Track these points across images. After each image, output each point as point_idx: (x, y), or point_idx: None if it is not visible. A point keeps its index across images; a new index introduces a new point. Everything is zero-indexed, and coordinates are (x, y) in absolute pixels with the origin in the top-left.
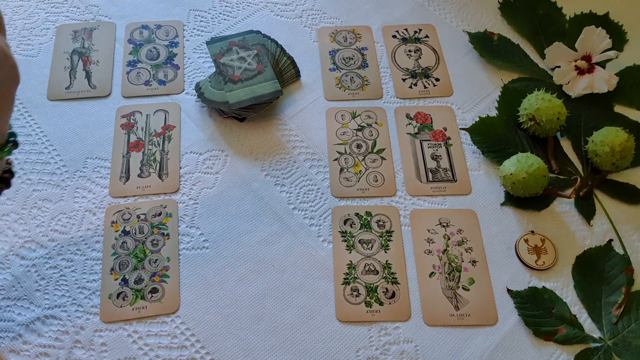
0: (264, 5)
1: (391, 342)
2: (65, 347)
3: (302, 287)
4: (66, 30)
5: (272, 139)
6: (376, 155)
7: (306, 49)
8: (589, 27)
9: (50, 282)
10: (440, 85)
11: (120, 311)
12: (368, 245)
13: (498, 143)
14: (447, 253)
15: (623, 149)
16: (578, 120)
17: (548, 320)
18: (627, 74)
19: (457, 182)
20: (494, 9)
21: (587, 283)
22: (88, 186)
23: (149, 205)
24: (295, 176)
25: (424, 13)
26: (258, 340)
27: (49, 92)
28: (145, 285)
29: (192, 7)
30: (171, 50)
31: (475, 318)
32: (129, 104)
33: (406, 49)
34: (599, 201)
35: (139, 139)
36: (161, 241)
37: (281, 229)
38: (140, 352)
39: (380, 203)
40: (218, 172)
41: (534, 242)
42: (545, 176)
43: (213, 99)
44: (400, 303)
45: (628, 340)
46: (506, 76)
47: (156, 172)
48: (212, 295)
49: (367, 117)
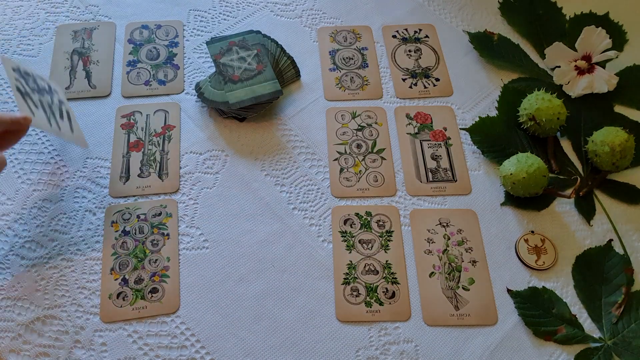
0: (264, 5)
1: (391, 342)
2: (65, 347)
3: (302, 287)
4: (66, 30)
5: (272, 139)
6: (376, 155)
7: (306, 49)
8: (589, 27)
9: (50, 282)
10: (440, 85)
11: (120, 311)
12: (368, 245)
13: (498, 143)
14: (447, 253)
15: (623, 149)
16: (578, 120)
17: (548, 320)
18: (627, 74)
19: (457, 182)
20: (494, 9)
21: (587, 283)
22: (88, 186)
23: (149, 205)
24: (295, 176)
25: (424, 13)
26: (258, 340)
27: None
28: (145, 285)
29: (192, 7)
30: (171, 50)
31: (475, 318)
32: (129, 104)
33: (406, 49)
34: (599, 201)
35: (139, 139)
36: (161, 241)
37: (281, 229)
38: (140, 352)
39: (380, 203)
40: (218, 172)
41: (534, 242)
42: (545, 176)
43: (213, 99)
44: (400, 303)
45: (628, 340)
46: (506, 76)
47: (156, 172)
48: (212, 295)
49: (367, 117)
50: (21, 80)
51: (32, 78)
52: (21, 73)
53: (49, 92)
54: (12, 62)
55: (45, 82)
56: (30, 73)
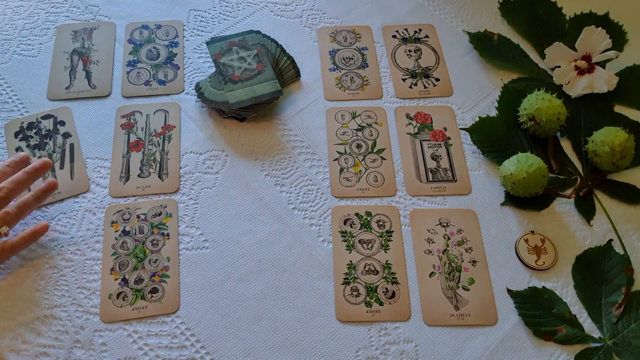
0: (264, 5)
1: (391, 342)
2: (65, 347)
3: (302, 287)
4: (66, 30)
5: (272, 139)
6: (376, 155)
7: (306, 49)
8: (589, 27)
9: (50, 282)
10: (440, 85)
11: (120, 311)
12: (368, 245)
13: (498, 143)
14: (447, 253)
15: (623, 149)
16: (578, 120)
17: (548, 320)
18: (627, 74)
19: (457, 182)
20: (494, 9)
21: (587, 283)
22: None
23: (149, 205)
24: (295, 176)
25: (424, 13)
26: (258, 340)
27: (49, 92)
28: (145, 285)
29: (192, 7)
30: (171, 50)
31: (475, 318)
32: (129, 103)
33: (406, 49)
34: (599, 201)
35: (139, 139)
36: (161, 241)
37: (281, 229)
38: (140, 352)
39: (380, 203)
40: (218, 172)
41: (534, 242)
42: (545, 176)
43: (213, 99)
44: (400, 303)
45: (628, 340)
46: (506, 76)
47: (156, 172)
48: (212, 295)
49: (367, 117)
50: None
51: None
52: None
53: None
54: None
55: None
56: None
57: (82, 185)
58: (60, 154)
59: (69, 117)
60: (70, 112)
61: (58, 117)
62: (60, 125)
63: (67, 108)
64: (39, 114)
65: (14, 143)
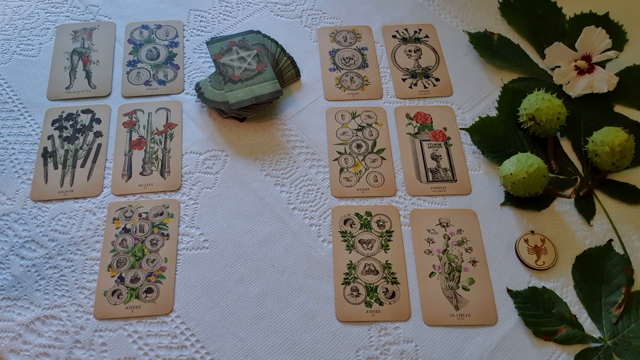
0: (264, 5)
1: (391, 342)
2: (65, 347)
3: (302, 287)
4: (66, 30)
5: (272, 139)
6: (376, 155)
7: (306, 49)
8: (589, 27)
9: (50, 282)
10: (440, 85)
11: (113, 309)
12: (368, 245)
13: (498, 143)
14: (447, 253)
15: (623, 149)
16: (578, 120)
17: (548, 320)
18: (627, 74)
19: (457, 182)
20: (494, 9)
21: (587, 283)
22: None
23: (151, 204)
24: (295, 176)
25: (424, 13)
26: (258, 340)
27: (49, 92)
28: (140, 284)
29: (192, 7)
30: (171, 50)
31: (475, 318)
32: (129, 103)
33: (406, 49)
34: (599, 201)
35: (141, 137)
36: (160, 241)
37: (281, 229)
38: (140, 352)
39: (380, 203)
40: (218, 172)
41: (534, 242)
42: (545, 176)
43: (213, 99)
44: (400, 303)
45: (628, 340)
46: (506, 76)
47: (158, 169)
48: (212, 295)
49: (367, 117)
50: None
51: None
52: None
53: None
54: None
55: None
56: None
57: (95, 189)
58: (86, 151)
59: (106, 116)
60: (109, 110)
61: (96, 114)
62: (96, 123)
63: (107, 106)
64: (81, 106)
65: (48, 130)
